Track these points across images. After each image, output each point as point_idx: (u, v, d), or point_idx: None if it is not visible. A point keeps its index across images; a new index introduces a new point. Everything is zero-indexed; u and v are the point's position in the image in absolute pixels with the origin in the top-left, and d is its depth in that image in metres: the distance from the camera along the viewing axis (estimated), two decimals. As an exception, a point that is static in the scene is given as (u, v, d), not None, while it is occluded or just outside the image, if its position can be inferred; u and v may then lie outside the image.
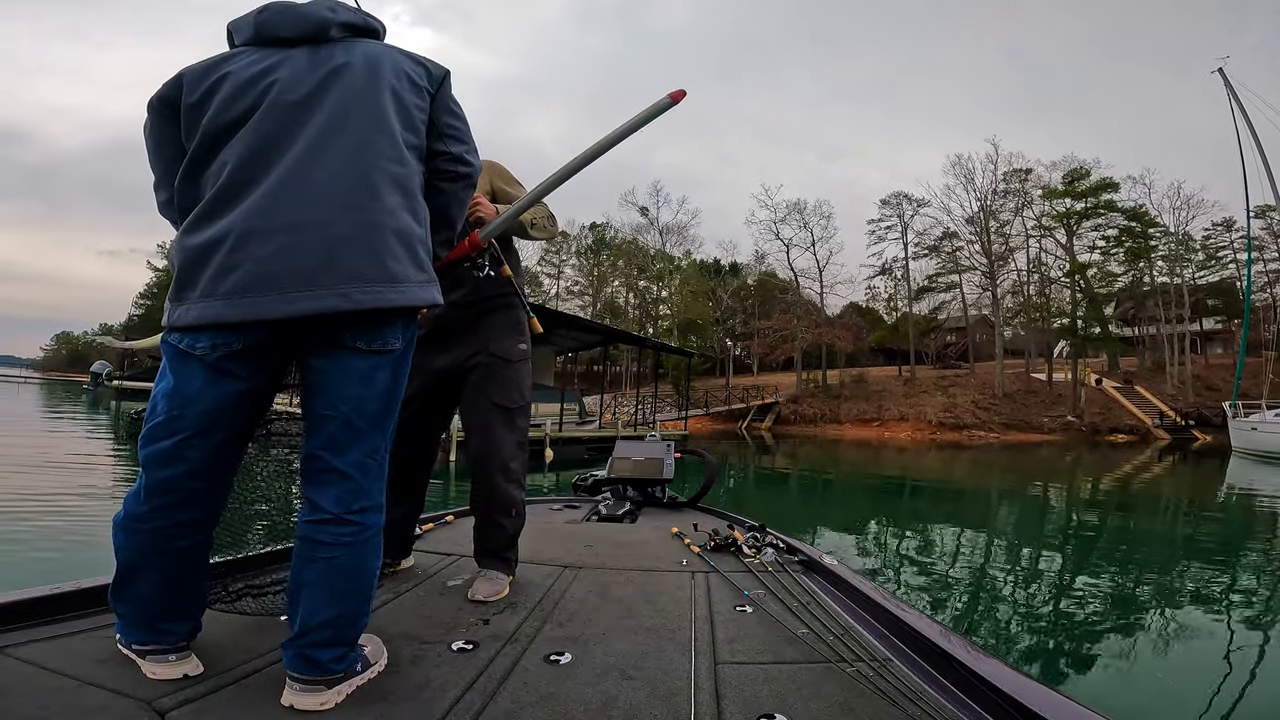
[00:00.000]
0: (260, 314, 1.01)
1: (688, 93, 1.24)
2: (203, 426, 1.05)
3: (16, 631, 1.19)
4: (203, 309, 1.02)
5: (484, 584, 1.67)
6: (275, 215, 1.03)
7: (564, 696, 1.08)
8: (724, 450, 18.82)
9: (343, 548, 1.08)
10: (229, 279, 1.01)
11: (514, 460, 1.78)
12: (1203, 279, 35.10)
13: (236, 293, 1.01)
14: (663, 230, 42.75)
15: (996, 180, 34.17)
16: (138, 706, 0.98)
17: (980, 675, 1.09)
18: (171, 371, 1.07)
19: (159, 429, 1.05)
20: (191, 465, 1.06)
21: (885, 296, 41.34)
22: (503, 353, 1.79)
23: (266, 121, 1.07)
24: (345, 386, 1.09)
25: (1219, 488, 12.60)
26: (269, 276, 1.01)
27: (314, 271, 1.03)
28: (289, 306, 1.01)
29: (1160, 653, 3.37)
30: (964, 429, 28.04)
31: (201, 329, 1.03)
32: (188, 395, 1.04)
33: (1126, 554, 6.09)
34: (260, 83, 1.08)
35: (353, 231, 1.06)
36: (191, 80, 1.09)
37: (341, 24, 1.16)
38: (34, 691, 1.00)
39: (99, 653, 1.14)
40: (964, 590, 4.58)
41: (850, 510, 8.86)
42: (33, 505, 6.07)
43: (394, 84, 1.15)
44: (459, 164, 1.27)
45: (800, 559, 1.98)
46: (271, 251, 1.02)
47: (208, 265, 1.02)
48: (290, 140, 1.07)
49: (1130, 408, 29.41)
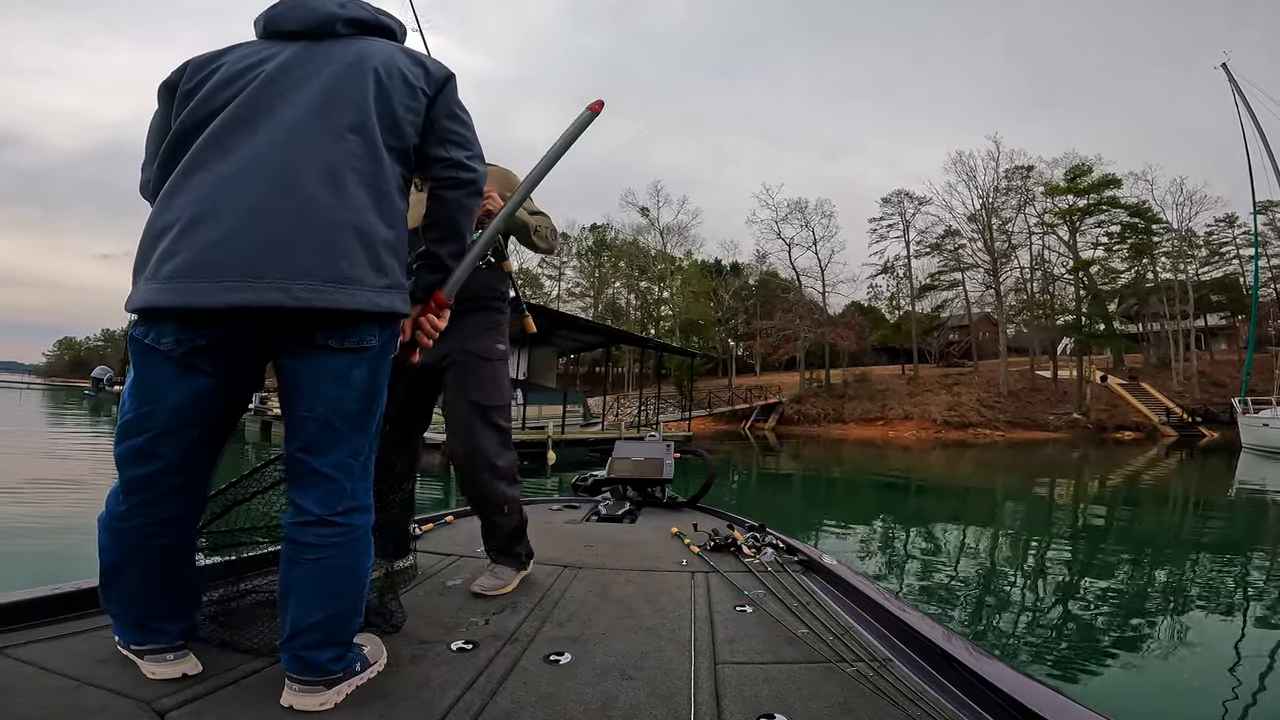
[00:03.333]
0: (194, 301, 0.96)
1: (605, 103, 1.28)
2: (173, 424, 1.03)
3: (16, 631, 1.19)
4: (142, 292, 0.98)
5: (486, 578, 1.69)
6: (229, 200, 0.99)
7: (564, 696, 1.08)
8: (728, 451, 18.77)
9: (330, 549, 1.05)
10: (170, 263, 0.97)
11: (499, 458, 1.76)
12: (1206, 275, 34.87)
13: (175, 277, 0.96)
14: (663, 231, 42.80)
15: (998, 177, 34.16)
16: (138, 706, 0.98)
17: (981, 675, 1.08)
18: (137, 367, 1.03)
19: (130, 426, 1.03)
20: (166, 462, 1.04)
21: (888, 295, 41.32)
22: (479, 351, 1.77)
23: (240, 108, 1.04)
24: (321, 387, 1.05)
25: (1229, 485, 12.45)
26: (211, 264, 0.97)
27: (260, 263, 0.97)
28: (227, 296, 0.96)
29: (1167, 653, 3.31)
30: (969, 427, 27.94)
31: (158, 319, 1.00)
32: (156, 392, 1.02)
33: (1134, 552, 6.04)
34: (249, 73, 1.07)
35: (306, 225, 1.00)
36: (193, 68, 1.09)
37: (349, 20, 1.13)
38: (34, 691, 1.00)
39: (99, 653, 1.15)
40: (967, 590, 4.55)
41: (855, 510, 8.83)
42: (34, 505, 6.10)
43: (382, 82, 1.10)
44: (460, 170, 1.19)
45: (800, 559, 1.98)
46: (218, 237, 0.97)
47: (155, 247, 0.99)
48: (257, 128, 1.03)
49: (1136, 405, 29.25)
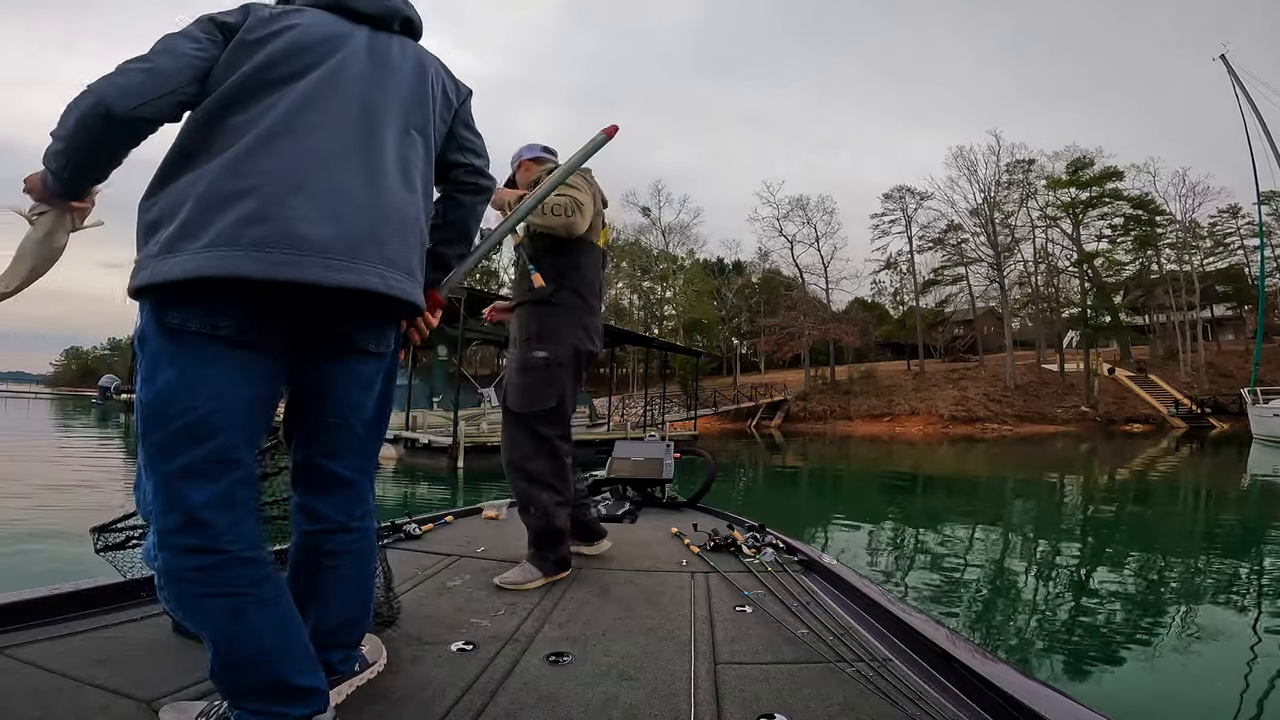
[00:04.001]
0: (289, 274, 0.87)
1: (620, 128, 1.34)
2: (248, 420, 0.92)
3: (16, 631, 1.21)
4: (208, 259, 0.84)
5: (512, 573, 1.81)
6: (327, 177, 0.95)
7: (564, 697, 1.09)
8: (734, 450, 18.71)
9: (348, 555, 1.08)
10: (256, 228, 0.87)
11: (528, 461, 1.88)
12: (1211, 265, 34.59)
13: (266, 245, 0.86)
14: (665, 230, 42.74)
15: (999, 171, 33.93)
16: (138, 707, 0.99)
17: (981, 675, 1.08)
18: (178, 360, 0.87)
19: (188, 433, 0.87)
20: (246, 469, 0.94)
21: (891, 291, 41.11)
22: (516, 362, 1.94)
23: (325, 84, 1.01)
24: (351, 393, 1.06)
25: (1240, 476, 12.33)
26: (310, 239, 0.89)
27: (359, 246, 0.94)
28: (325, 273, 0.89)
29: (1174, 652, 3.21)
30: (976, 422, 27.77)
31: (211, 294, 0.85)
32: (217, 385, 0.88)
33: (1143, 548, 5.96)
34: (327, 46, 1.03)
35: (392, 218, 1.02)
36: (258, 18, 1.02)
37: (405, 19, 1.17)
38: (34, 691, 1.01)
39: (99, 653, 1.16)
40: (973, 587, 4.51)
41: (862, 508, 8.80)
42: (34, 508, 6.15)
43: (434, 89, 1.16)
44: (480, 177, 1.27)
45: (800, 559, 1.98)
46: (319, 214, 0.91)
47: (227, 210, 0.87)
48: (345, 109, 1.01)
49: (1145, 396, 29.01)
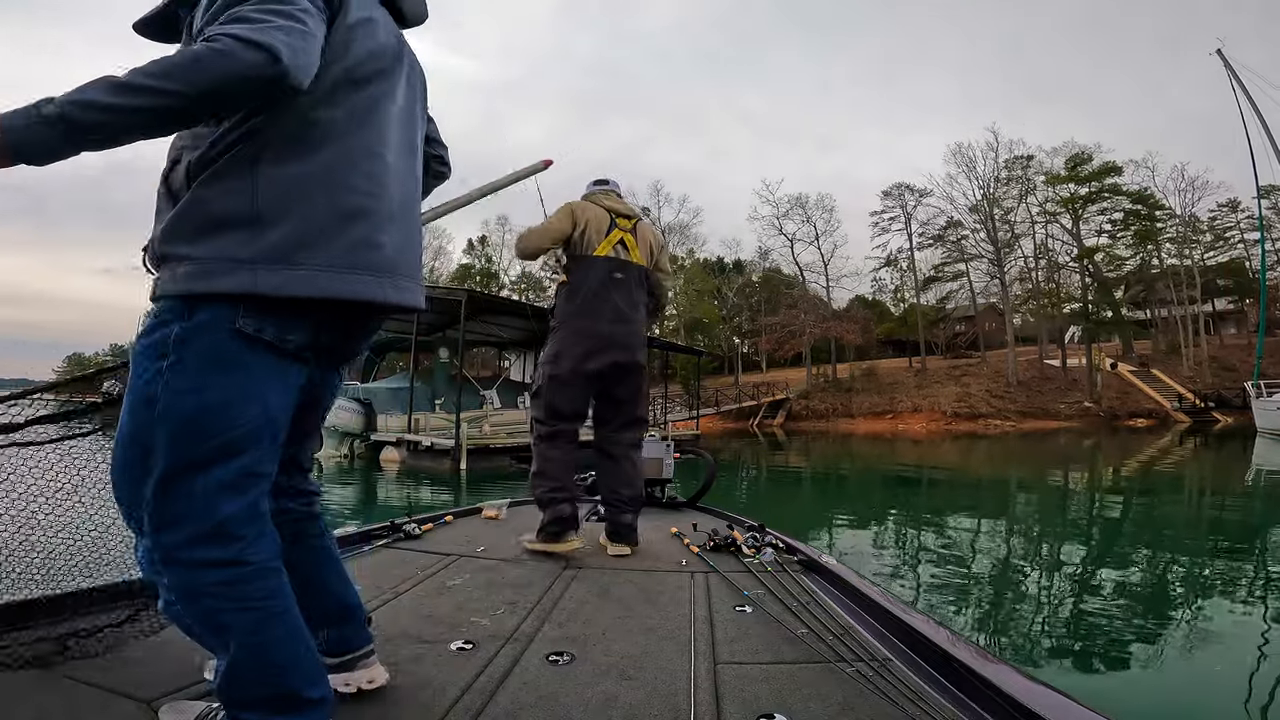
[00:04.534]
0: (397, 299, 0.93)
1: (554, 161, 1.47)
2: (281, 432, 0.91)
3: (17, 632, 1.21)
4: (338, 281, 0.86)
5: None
6: (396, 193, 0.97)
7: (564, 696, 1.09)
8: (737, 449, 18.69)
9: (327, 535, 1.11)
10: (370, 254, 0.91)
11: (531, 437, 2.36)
12: (1212, 259, 34.48)
13: (376, 269, 0.91)
14: (665, 230, 42.71)
15: (998, 168, 33.84)
16: (137, 707, 0.99)
17: (981, 675, 1.08)
18: (238, 368, 0.83)
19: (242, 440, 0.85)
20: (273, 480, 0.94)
21: (892, 288, 41.06)
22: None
23: (392, 98, 0.99)
24: (327, 399, 1.08)
25: (1245, 470, 12.26)
26: (392, 260, 0.94)
27: (406, 259, 0.99)
28: (404, 296, 0.95)
29: (1178, 651, 3.17)
30: (979, 418, 27.71)
31: (294, 305, 0.84)
32: (263, 396, 0.86)
33: (1148, 545, 5.91)
34: (391, 51, 1.01)
35: (417, 225, 1.06)
36: (355, 2, 0.94)
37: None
38: (35, 692, 1.02)
39: (99, 653, 1.16)
40: (975, 586, 4.49)
41: (865, 506, 8.79)
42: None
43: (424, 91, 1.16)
44: (445, 165, 1.31)
45: (800, 559, 1.97)
46: (396, 234, 0.96)
47: (344, 230, 0.89)
48: (402, 122, 1.03)
49: (1148, 391, 28.93)
